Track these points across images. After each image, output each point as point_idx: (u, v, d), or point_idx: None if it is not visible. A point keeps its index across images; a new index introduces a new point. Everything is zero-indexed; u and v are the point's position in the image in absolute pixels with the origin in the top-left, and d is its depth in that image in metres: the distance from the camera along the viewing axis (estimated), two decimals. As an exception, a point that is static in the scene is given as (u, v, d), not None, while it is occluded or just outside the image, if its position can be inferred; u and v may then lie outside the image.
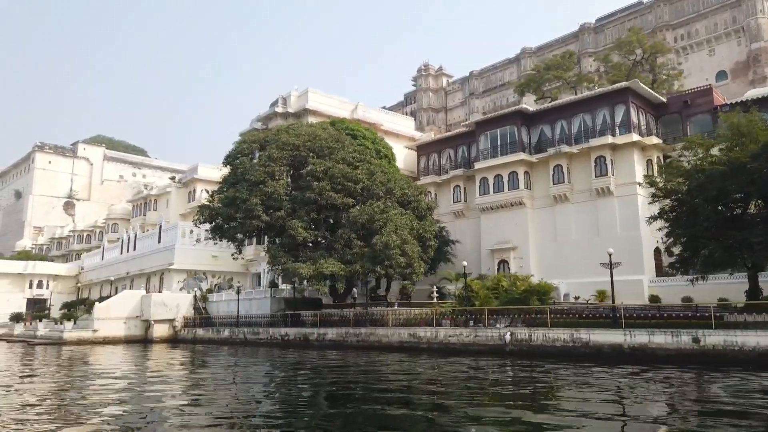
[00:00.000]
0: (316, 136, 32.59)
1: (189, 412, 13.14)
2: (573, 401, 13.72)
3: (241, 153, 34.23)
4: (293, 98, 49.67)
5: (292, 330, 36.16)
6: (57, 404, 14.72)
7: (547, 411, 12.45)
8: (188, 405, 14.30)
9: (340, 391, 16.13)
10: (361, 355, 27.38)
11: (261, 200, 30.06)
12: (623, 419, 11.59)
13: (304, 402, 14.49)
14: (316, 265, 28.51)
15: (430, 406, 13.33)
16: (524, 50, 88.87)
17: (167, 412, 12.83)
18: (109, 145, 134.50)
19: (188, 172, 73.62)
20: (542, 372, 19.02)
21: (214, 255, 51.50)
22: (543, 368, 19.72)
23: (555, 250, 40.76)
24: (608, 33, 78.42)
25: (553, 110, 42.99)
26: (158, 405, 14.04)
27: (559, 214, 40.98)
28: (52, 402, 15.18)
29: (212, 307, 47.23)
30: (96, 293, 65.56)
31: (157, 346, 42.60)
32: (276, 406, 13.84)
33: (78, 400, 15.33)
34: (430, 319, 30.09)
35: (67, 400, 15.48)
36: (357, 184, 30.47)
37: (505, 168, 43.02)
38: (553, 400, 14.03)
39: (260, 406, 13.88)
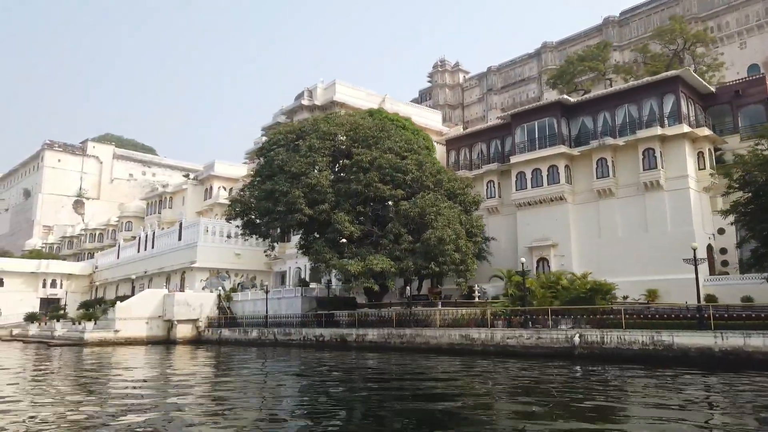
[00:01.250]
0: (359, 126, 30.83)
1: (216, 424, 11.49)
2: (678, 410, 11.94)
3: (276, 144, 32.46)
4: (320, 90, 47.96)
5: (328, 331, 34.43)
6: (81, 412, 13.12)
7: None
8: (216, 415, 12.65)
9: (407, 401, 14.35)
10: (407, 358, 25.62)
11: (303, 192, 28.30)
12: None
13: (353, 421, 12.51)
14: (365, 262, 26.73)
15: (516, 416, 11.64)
16: (545, 45, 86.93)
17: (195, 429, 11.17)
18: (119, 143, 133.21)
19: (205, 169, 72.06)
20: (624, 379, 17.22)
21: (237, 253, 49.85)
22: (626, 374, 17.94)
23: (599, 247, 38.88)
24: (633, 26, 76.46)
25: (595, 101, 41.12)
26: (184, 414, 12.46)
27: (603, 210, 39.11)
28: (77, 408, 13.56)
29: (237, 307, 45.56)
30: (111, 292, 63.99)
31: (181, 347, 40.99)
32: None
33: (98, 406, 13.77)
34: (480, 319, 28.38)
35: (90, 406, 13.90)
36: (406, 175, 28.63)
37: (544, 162, 41.19)
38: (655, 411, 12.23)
39: (297, 422, 12.09)
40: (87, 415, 12.83)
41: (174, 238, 53.12)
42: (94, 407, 13.94)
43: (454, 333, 27.48)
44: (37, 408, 13.92)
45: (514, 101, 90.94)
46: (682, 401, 13.46)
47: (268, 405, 14.41)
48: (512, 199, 42.55)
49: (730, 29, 67.34)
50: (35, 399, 15.42)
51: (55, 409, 13.76)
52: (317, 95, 47.62)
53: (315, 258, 28.16)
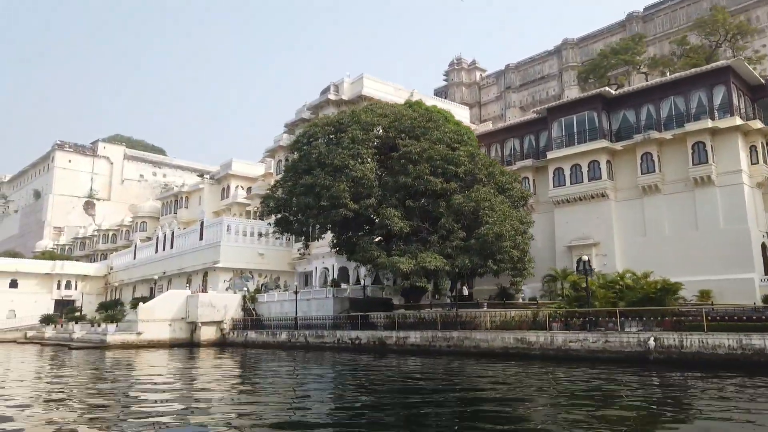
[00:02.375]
0: (403, 116, 29.22)
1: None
2: None
3: (313, 137, 30.91)
4: (346, 85, 46.43)
5: (364, 333, 32.80)
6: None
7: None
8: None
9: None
10: (457, 363, 24.00)
11: (348, 186, 26.72)
12: None
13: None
14: (417, 259, 25.09)
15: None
16: (566, 41, 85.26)
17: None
18: (128, 144, 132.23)
19: (221, 168, 70.65)
20: (722, 387, 15.55)
21: (260, 253, 48.34)
22: (724, 383, 16.27)
23: (644, 246, 37.13)
24: (658, 21, 74.66)
25: (638, 93, 39.42)
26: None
27: (649, 207, 37.40)
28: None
29: (262, 309, 44.01)
30: (128, 294, 62.57)
31: (206, 350, 39.47)
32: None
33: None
34: (532, 321, 26.72)
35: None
36: (458, 168, 26.99)
37: (583, 157, 39.53)
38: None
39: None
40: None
41: (194, 237, 51.63)
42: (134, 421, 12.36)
43: (508, 336, 25.80)
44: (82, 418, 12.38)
45: (533, 99, 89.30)
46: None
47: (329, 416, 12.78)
48: (549, 196, 40.89)
49: (760, 23, 65.45)
50: (82, 413, 13.88)
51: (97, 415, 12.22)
52: (344, 90, 46.09)
53: (361, 256, 26.53)
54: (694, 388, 15.93)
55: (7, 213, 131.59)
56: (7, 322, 62.80)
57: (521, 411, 12.86)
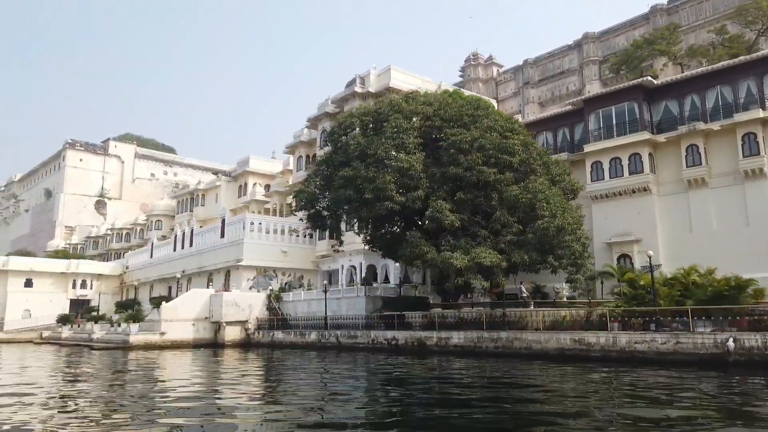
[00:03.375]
0: (448, 104, 27.77)
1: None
2: None
3: (349, 128, 29.45)
4: (373, 77, 44.98)
5: (402, 333, 31.37)
6: None
7: None
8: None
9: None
10: (507, 365, 22.52)
11: (393, 178, 25.27)
12: None
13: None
14: (471, 255, 23.60)
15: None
16: (587, 35, 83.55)
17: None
18: (139, 143, 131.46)
19: (238, 165, 69.40)
20: None
21: (283, 250, 46.97)
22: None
23: (690, 242, 35.49)
24: (683, 14, 72.77)
25: (681, 83, 37.79)
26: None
27: (695, 201, 35.79)
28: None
29: (288, 308, 42.64)
30: (145, 293, 61.37)
31: (231, 351, 38.16)
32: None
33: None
34: (584, 321, 25.24)
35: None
36: (513, 157, 25.48)
37: (624, 150, 37.96)
38: None
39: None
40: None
41: (215, 235, 50.31)
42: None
43: (564, 337, 24.30)
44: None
45: (552, 94, 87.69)
46: None
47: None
48: (587, 190, 39.20)
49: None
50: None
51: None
52: (370, 82, 44.65)
53: (409, 252, 25.06)
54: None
55: (18, 213, 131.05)
56: (22, 322, 61.76)
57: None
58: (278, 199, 60.44)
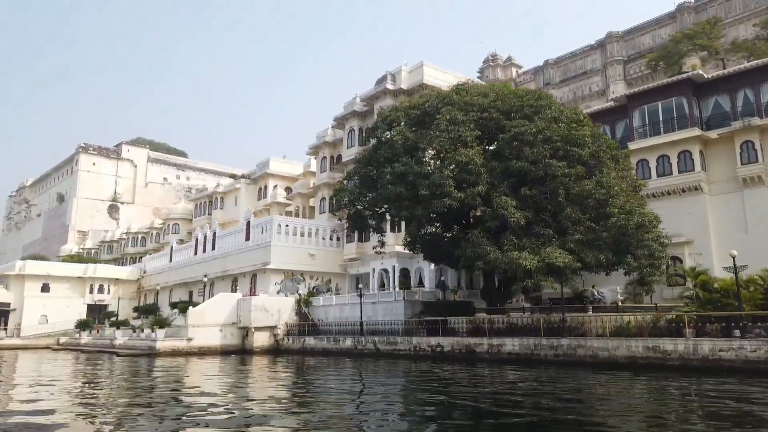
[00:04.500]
0: (506, 95, 26.24)
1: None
2: None
3: (395, 121, 27.91)
4: (404, 74, 43.49)
5: (447, 340, 29.68)
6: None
7: None
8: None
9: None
10: (577, 375, 20.83)
11: (452, 173, 23.68)
12: None
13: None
14: (540, 255, 21.93)
15: None
16: (610, 35, 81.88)
17: None
18: (151, 147, 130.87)
19: (258, 168, 68.02)
20: None
21: (311, 253, 45.41)
22: None
23: (746, 243, 33.46)
24: (711, 12, 70.77)
25: (733, 77, 36.08)
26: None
27: (750, 201, 34.03)
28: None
29: (318, 313, 41.05)
30: (164, 298, 59.91)
31: (260, 357, 36.59)
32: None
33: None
34: (651, 327, 23.55)
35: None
36: (582, 150, 23.83)
37: (672, 147, 36.27)
38: None
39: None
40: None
41: (240, 238, 48.81)
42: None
43: (635, 344, 22.55)
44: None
45: (575, 95, 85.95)
46: None
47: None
48: (633, 190, 37.55)
49: None
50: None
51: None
52: (402, 79, 43.15)
53: (470, 252, 23.40)
54: None
55: (30, 217, 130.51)
56: (38, 328, 60.42)
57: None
58: (300, 201, 58.97)
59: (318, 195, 54.40)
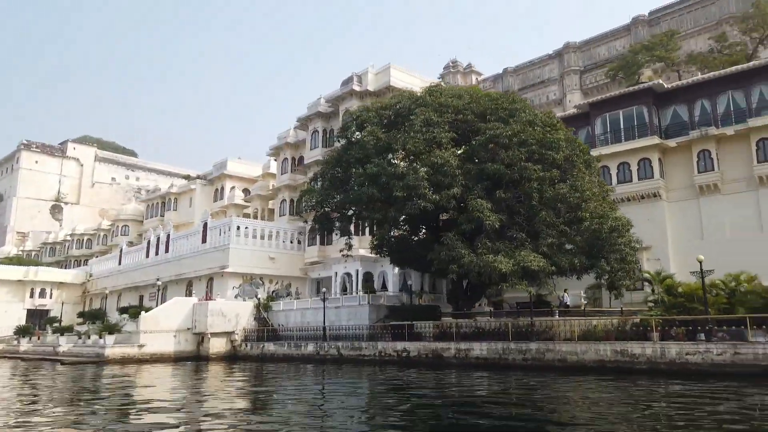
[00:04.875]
0: (481, 96, 25.97)
1: None
2: None
3: (367, 122, 27.16)
4: (371, 76, 42.93)
5: (414, 345, 29.19)
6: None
7: None
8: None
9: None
10: (547, 379, 20.71)
11: (427, 175, 23.14)
12: None
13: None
14: (516, 259, 21.63)
15: None
16: (567, 45, 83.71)
17: None
18: (99, 145, 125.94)
19: (215, 168, 66.06)
20: None
21: (271, 257, 44.17)
22: None
23: (702, 249, 33.88)
24: (664, 25, 73.35)
25: (691, 87, 37.07)
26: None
27: (706, 208, 34.95)
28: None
29: (278, 318, 39.88)
30: (112, 303, 57.27)
31: (216, 364, 35.22)
32: None
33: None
34: (617, 331, 23.70)
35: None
36: (557, 153, 23.69)
37: (633, 155, 36.96)
38: None
39: None
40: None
41: (196, 240, 47.03)
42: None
43: (604, 348, 22.60)
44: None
45: (533, 104, 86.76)
46: None
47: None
48: (594, 196, 38.09)
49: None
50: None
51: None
52: (368, 80, 42.57)
53: (445, 255, 22.90)
54: None
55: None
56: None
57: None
58: (259, 204, 57.50)
59: (278, 197, 53.15)
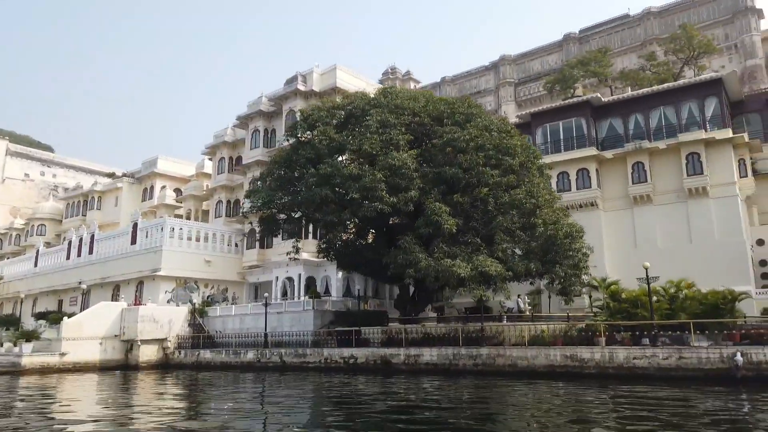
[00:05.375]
0: (437, 100, 25.71)
1: None
2: None
3: (319, 120, 26.31)
4: (316, 76, 41.98)
5: (362, 351, 28.59)
6: None
7: None
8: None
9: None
10: (500, 386, 20.79)
11: (384, 176, 22.54)
12: None
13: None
14: (474, 263, 21.44)
15: None
16: (503, 58, 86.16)
17: None
18: (11, 139, 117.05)
19: (143, 166, 62.72)
20: None
21: (207, 260, 42.22)
22: None
23: (635, 257, 35.81)
24: (593, 43, 76.90)
25: (626, 102, 38.90)
26: None
27: (640, 218, 36.61)
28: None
29: (214, 324, 38.15)
30: (27, 308, 52.85)
31: (146, 373, 33.19)
32: None
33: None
34: (564, 336, 24.21)
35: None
36: (514, 159, 23.72)
37: (571, 165, 38.23)
38: None
39: None
40: None
41: (124, 241, 44.21)
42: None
43: (554, 353, 22.92)
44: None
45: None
46: None
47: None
48: (534, 204, 39.03)
49: (719, 43, 68.72)
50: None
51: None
52: (314, 81, 41.63)
53: (403, 258, 22.37)
54: None
55: None
56: None
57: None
58: (193, 204, 55.03)
59: (214, 198, 51.10)
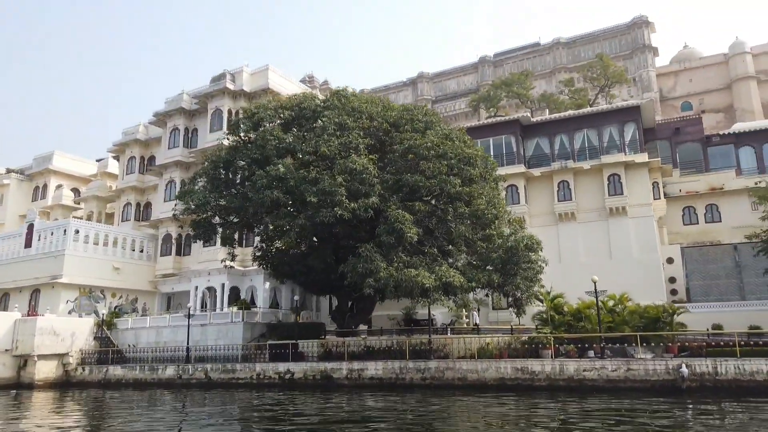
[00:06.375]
0: (392, 106, 24.83)
1: None
2: None
3: (263, 120, 24.60)
4: (246, 75, 39.80)
5: (299, 366, 27.04)
6: None
7: None
8: None
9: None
10: (448, 399, 20.45)
11: (344, 181, 21.22)
12: None
13: None
14: (437, 274, 20.69)
15: None
16: (421, 75, 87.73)
17: None
18: None
19: (36, 162, 56.56)
20: None
21: (116, 267, 38.47)
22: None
23: (560, 271, 37.09)
24: (506, 68, 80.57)
25: (553, 123, 40.58)
26: None
27: (564, 234, 38.10)
28: None
29: (125, 337, 34.74)
30: None
31: (43, 393, 29.49)
32: None
33: None
34: (509, 349, 24.36)
35: None
36: (473, 169, 23.30)
37: (502, 181, 39.03)
38: None
39: None
40: None
41: (16, 244, 39.19)
42: None
43: (505, 365, 22.86)
44: None
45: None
46: None
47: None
48: (465, 218, 39.50)
49: (628, 74, 73.78)
50: None
51: None
52: (243, 80, 39.48)
53: (363, 267, 21.09)
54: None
55: None
56: None
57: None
58: (95, 206, 50.22)
59: (121, 199, 46.97)
